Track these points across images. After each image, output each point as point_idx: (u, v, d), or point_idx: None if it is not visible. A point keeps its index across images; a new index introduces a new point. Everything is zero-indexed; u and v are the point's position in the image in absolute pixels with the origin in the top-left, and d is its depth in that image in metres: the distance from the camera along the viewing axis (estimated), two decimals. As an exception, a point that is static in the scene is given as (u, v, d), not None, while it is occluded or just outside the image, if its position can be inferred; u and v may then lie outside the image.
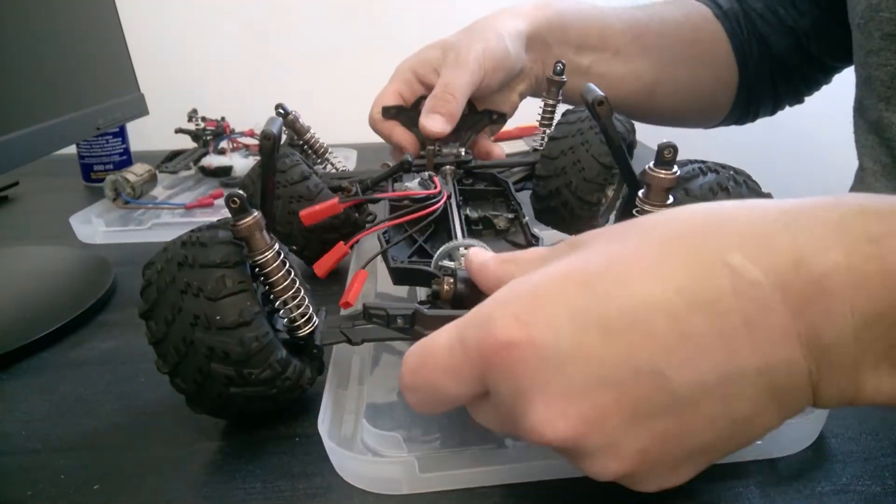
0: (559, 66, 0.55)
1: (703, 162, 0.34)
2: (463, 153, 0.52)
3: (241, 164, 0.80)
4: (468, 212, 0.45)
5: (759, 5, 0.66)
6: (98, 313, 0.50)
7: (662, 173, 0.30)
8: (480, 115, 0.58)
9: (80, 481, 0.32)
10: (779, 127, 0.92)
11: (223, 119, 0.87)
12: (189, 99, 0.87)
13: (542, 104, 0.57)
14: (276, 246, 0.32)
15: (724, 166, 0.34)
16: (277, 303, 0.33)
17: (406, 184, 0.46)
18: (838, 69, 0.68)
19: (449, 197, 0.44)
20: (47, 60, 0.57)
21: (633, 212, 0.32)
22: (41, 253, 0.61)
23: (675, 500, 0.29)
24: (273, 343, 0.31)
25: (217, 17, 1.10)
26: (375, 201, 0.47)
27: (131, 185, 0.70)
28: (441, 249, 0.37)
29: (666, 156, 0.30)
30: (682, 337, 0.22)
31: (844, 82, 0.62)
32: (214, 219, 0.68)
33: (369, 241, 0.41)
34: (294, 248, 0.49)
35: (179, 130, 0.85)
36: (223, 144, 0.85)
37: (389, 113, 0.57)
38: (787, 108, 0.74)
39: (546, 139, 0.53)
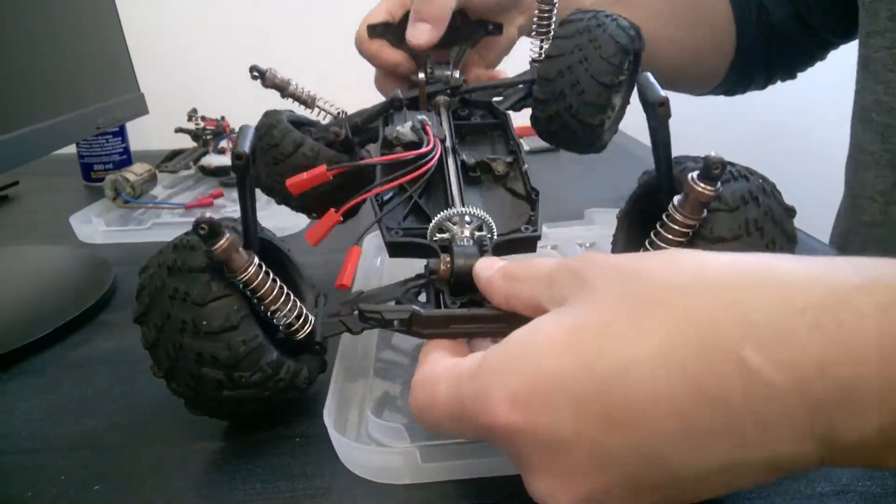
0: None
1: (733, 165, 0.32)
2: (457, 75, 0.48)
3: (241, 163, 0.80)
4: (464, 157, 0.42)
5: None
6: (98, 313, 0.50)
7: (705, 188, 0.29)
8: (474, 25, 0.52)
9: (80, 481, 0.32)
10: (776, 124, 0.92)
11: (223, 118, 0.87)
12: (189, 98, 0.87)
13: (536, 11, 0.50)
14: (256, 259, 0.31)
15: (752, 172, 0.32)
16: (268, 313, 0.32)
17: (398, 128, 0.41)
18: (835, 45, 0.66)
19: (443, 142, 0.40)
20: (47, 60, 0.57)
21: (663, 216, 0.31)
22: (41, 253, 0.61)
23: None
24: (263, 346, 0.31)
25: (217, 17, 1.10)
26: (365, 168, 0.42)
27: (131, 184, 0.70)
28: (435, 220, 0.35)
29: (714, 171, 0.28)
30: (686, 430, 0.21)
31: (846, 82, 0.62)
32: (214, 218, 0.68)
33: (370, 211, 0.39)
34: (314, 216, 0.47)
35: (179, 130, 0.85)
36: (223, 144, 0.85)
37: (375, 31, 0.52)
38: (788, 108, 0.73)
39: (543, 51, 0.48)
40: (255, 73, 0.54)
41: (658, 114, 0.29)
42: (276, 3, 1.10)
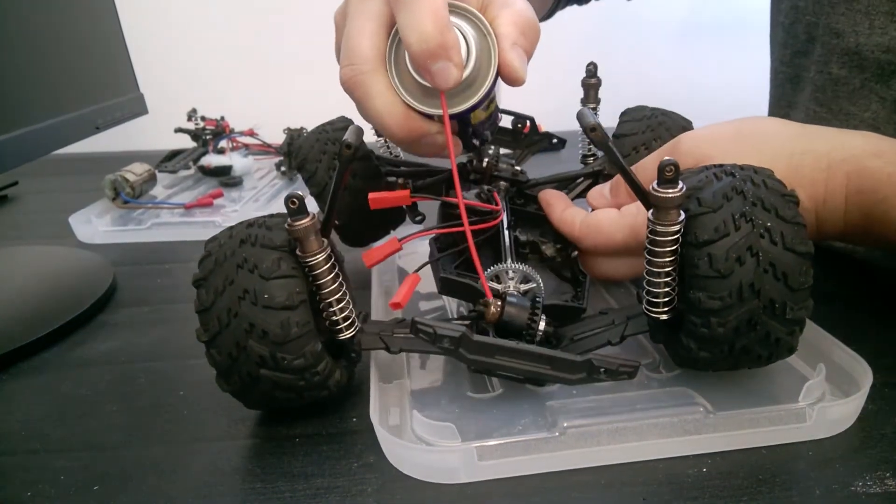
0: (591, 68, 0.51)
1: (721, 166, 0.33)
2: (519, 170, 0.49)
3: (241, 163, 0.80)
4: (518, 233, 0.44)
5: None
6: (98, 313, 0.50)
7: (669, 192, 0.29)
8: (541, 136, 0.53)
9: (80, 481, 0.32)
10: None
11: (222, 118, 0.87)
12: (189, 98, 0.87)
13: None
14: (329, 249, 0.32)
15: (742, 167, 0.33)
16: (322, 304, 0.33)
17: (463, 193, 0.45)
18: None
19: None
20: (47, 60, 0.57)
21: (647, 232, 0.31)
22: (41, 253, 0.61)
23: (683, 502, 0.29)
24: (311, 334, 0.32)
25: (217, 17, 1.10)
26: (443, 202, 0.44)
27: (130, 184, 0.70)
28: (490, 270, 0.37)
29: (667, 174, 0.29)
30: (759, 156, 0.36)
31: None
32: (214, 218, 0.68)
33: (417, 240, 0.41)
34: (337, 222, 0.49)
35: (179, 130, 0.85)
36: (222, 144, 0.85)
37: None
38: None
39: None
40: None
41: (593, 139, 0.30)
42: (277, 3, 1.10)
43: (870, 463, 0.31)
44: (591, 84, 0.52)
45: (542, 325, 0.34)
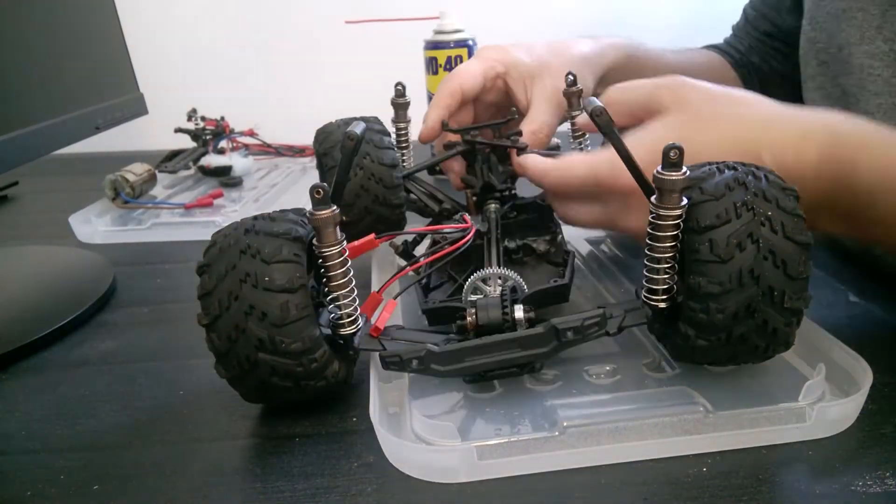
0: (570, 78, 0.52)
1: (723, 162, 0.34)
2: (500, 185, 0.50)
3: (241, 163, 0.80)
4: (507, 243, 0.45)
5: (756, 59, 0.73)
6: (97, 313, 0.50)
7: (673, 175, 0.30)
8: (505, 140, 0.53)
9: (80, 481, 0.32)
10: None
11: (222, 119, 0.87)
12: (188, 98, 0.87)
13: (569, 120, 0.53)
14: (344, 243, 0.33)
15: (744, 164, 0.33)
16: (329, 297, 0.33)
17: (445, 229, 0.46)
18: None
19: (487, 232, 0.43)
20: (47, 60, 0.57)
21: (650, 217, 0.32)
22: (41, 253, 0.61)
23: (682, 503, 0.29)
24: (311, 319, 0.32)
25: (217, 17, 1.10)
26: (409, 234, 0.47)
27: (131, 184, 0.70)
28: (468, 283, 0.37)
29: (672, 157, 0.30)
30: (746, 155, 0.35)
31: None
32: (214, 218, 0.68)
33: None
34: (346, 219, 0.49)
35: (179, 130, 0.85)
36: (222, 144, 0.85)
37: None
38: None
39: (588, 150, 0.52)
40: (399, 88, 0.55)
41: (597, 123, 0.31)
42: (277, 3, 1.10)
43: (870, 463, 0.31)
44: (572, 93, 0.52)
45: (519, 314, 0.34)
